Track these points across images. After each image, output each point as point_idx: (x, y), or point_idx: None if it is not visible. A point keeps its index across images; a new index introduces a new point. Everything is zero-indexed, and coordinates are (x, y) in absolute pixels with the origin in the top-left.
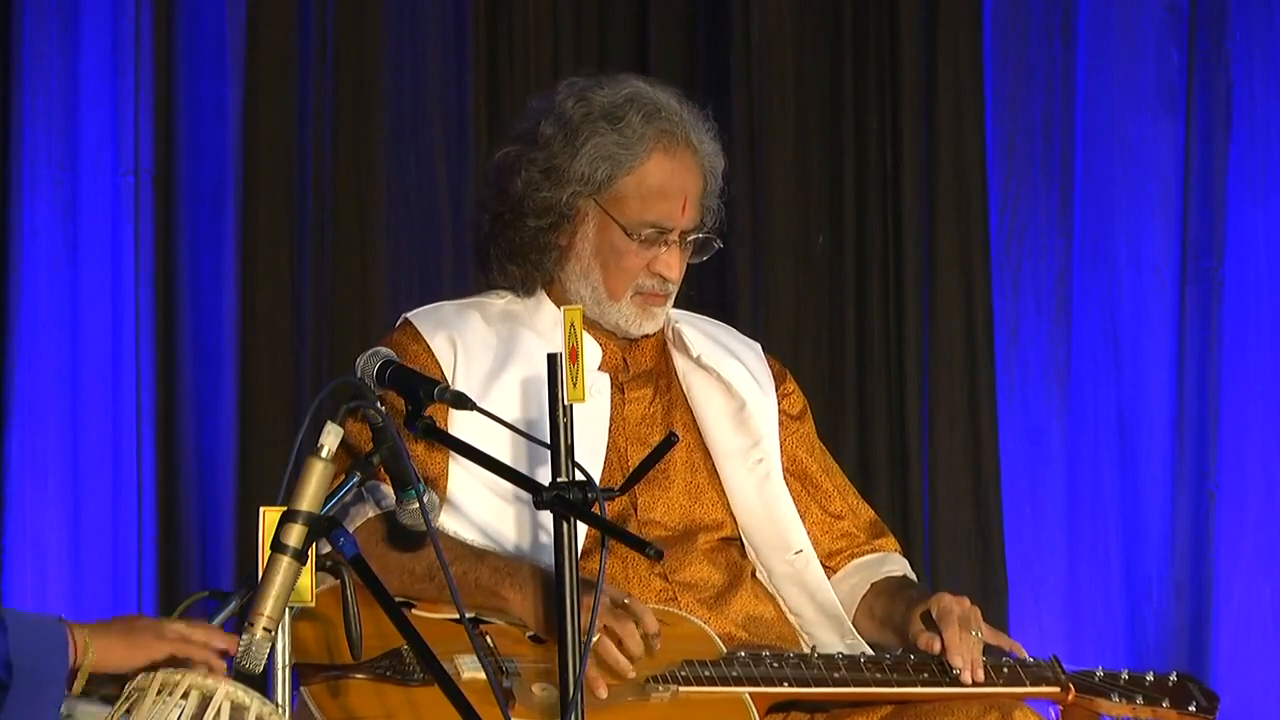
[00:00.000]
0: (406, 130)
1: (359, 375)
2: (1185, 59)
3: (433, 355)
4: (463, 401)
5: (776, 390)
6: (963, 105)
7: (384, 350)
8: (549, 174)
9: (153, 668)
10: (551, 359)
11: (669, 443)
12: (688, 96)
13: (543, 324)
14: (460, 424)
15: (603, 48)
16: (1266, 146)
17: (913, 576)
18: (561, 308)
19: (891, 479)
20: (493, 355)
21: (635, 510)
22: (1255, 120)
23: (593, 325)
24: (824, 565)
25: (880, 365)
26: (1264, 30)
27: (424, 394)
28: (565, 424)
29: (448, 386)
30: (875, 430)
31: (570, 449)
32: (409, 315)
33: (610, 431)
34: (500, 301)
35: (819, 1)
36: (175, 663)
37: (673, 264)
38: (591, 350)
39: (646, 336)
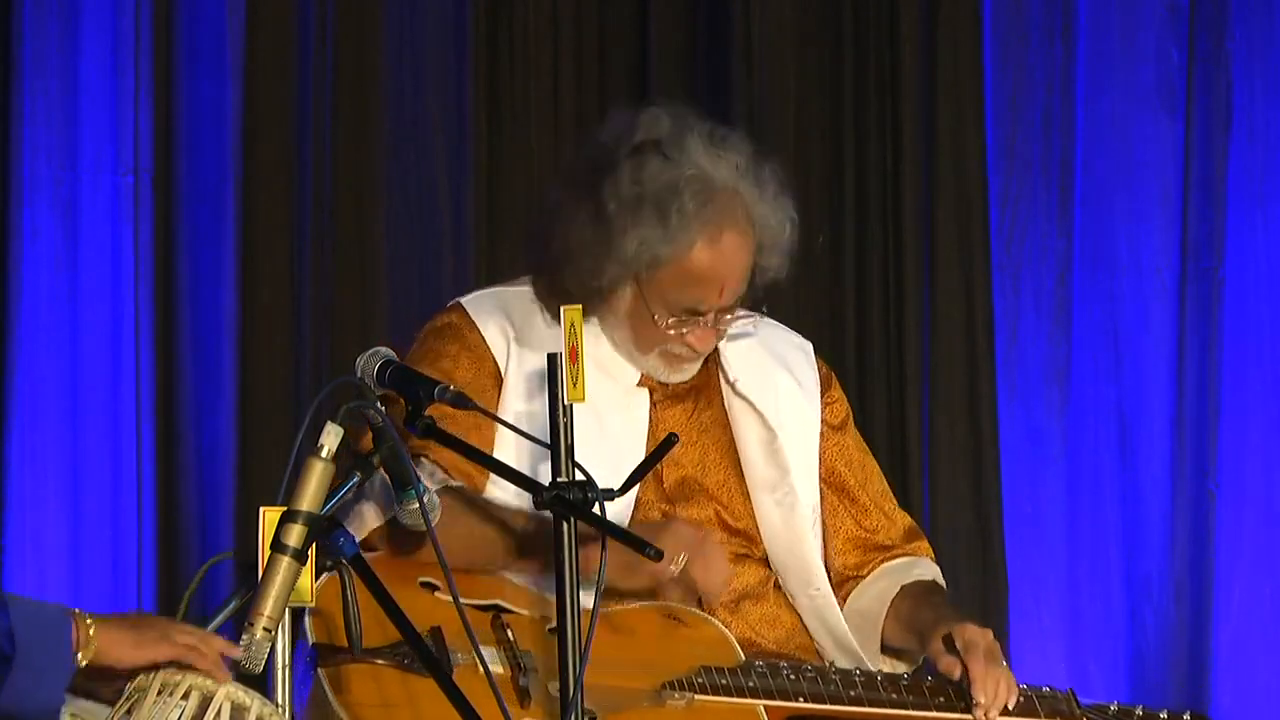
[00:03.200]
0: (406, 130)
1: (359, 375)
2: (1185, 59)
3: (487, 346)
4: (462, 401)
5: (821, 397)
6: (963, 105)
7: (384, 350)
8: (599, 260)
9: (153, 667)
10: (551, 359)
11: (668, 443)
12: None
13: (592, 346)
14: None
15: (603, 48)
16: (1266, 146)
17: (942, 583)
18: (561, 308)
19: (891, 479)
20: (546, 350)
21: None
22: (1255, 120)
23: None
24: (854, 576)
25: (880, 365)
26: (1264, 30)
27: (424, 394)
28: (565, 424)
29: (448, 386)
30: (875, 430)
31: (570, 449)
32: (463, 301)
33: (646, 447)
34: None
35: (819, 2)
36: (177, 665)
37: (702, 340)
38: (630, 368)
39: None
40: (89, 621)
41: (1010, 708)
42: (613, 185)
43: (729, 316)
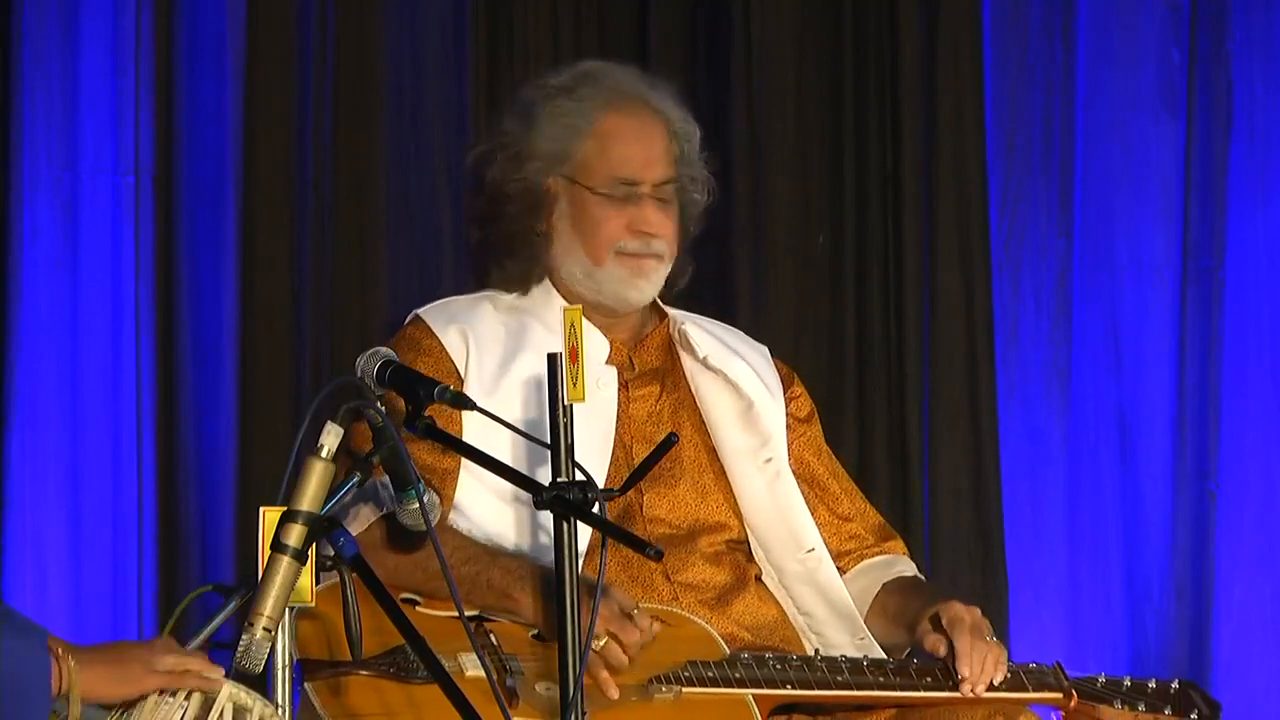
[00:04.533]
0: (406, 130)
1: (359, 375)
2: (1185, 59)
3: (445, 351)
4: (462, 402)
5: (784, 393)
6: (963, 105)
7: (384, 350)
8: (517, 158)
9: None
10: (551, 359)
11: (668, 443)
12: (688, 96)
13: (552, 316)
14: (471, 421)
15: (603, 48)
16: (1267, 146)
17: (922, 578)
18: (562, 308)
19: (891, 479)
20: (503, 348)
21: (641, 509)
22: (1255, 120)
23: (600, 321)
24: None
25: (880, 365)
26: (1264, 30)
27: (424, 394)
28: (565, 424)
29: (448, 387)
30: (875, 430)
31: (570, 449)
32: (419, 311)
33: (617, 429)
34: (509, 296)
35: (819, 1)
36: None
37: (649, 218)
38: (598, 343)
39: (649, 335)
40: (72, 663)
41: (997, 683)
42: (514, 110)
43: (667, 188)
